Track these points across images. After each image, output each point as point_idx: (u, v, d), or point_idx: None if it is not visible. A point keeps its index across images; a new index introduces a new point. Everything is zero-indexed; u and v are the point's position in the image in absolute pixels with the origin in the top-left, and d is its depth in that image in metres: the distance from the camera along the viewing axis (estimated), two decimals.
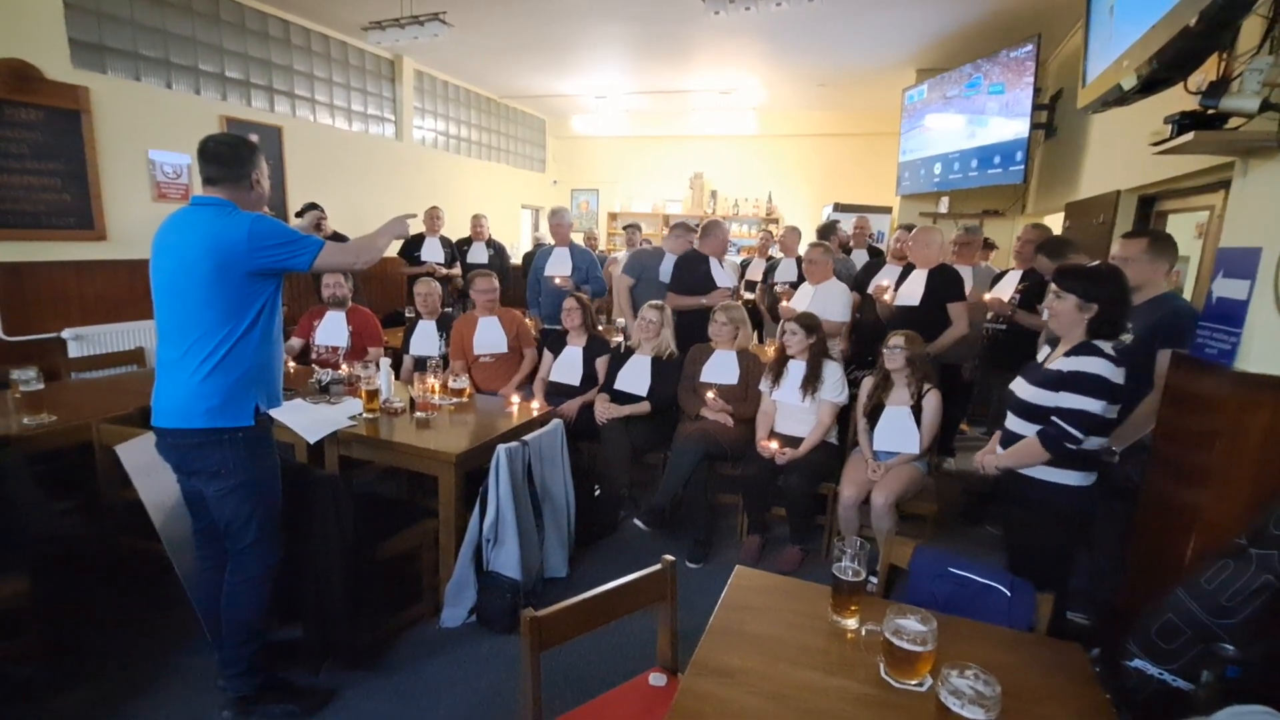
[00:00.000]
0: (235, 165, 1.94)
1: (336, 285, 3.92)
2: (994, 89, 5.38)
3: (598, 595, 1.54)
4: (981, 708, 1.10)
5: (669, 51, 6.47)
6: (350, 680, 2.33)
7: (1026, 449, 2.13)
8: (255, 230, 1.86)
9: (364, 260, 2.09)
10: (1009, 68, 5.17)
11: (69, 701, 2.19)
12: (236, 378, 1.92)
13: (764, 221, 9.47)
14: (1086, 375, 2.01)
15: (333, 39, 6.32)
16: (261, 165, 2.02)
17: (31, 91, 3.94)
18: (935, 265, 3.76)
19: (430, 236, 5.81)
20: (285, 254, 1.90)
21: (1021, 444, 2.15)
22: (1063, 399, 2.05)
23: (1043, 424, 2.09)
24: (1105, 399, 2.00)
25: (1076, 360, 2.05)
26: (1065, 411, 2.03)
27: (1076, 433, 2.02)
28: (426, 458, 2.63)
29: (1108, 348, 2.05)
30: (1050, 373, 2.11)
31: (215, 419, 1.91)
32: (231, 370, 1.91)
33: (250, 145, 2.02)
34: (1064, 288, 2.10)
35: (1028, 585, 1.69)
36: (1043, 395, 2.11)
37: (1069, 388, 2.04)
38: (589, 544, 3.33)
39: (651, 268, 4.49)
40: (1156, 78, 1.95)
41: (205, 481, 1.99)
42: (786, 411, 3.35)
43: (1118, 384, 2.01)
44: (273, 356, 2.06)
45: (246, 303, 1.91)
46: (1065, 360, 2.08)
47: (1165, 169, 3.11)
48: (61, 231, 4.16)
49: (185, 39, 5.04)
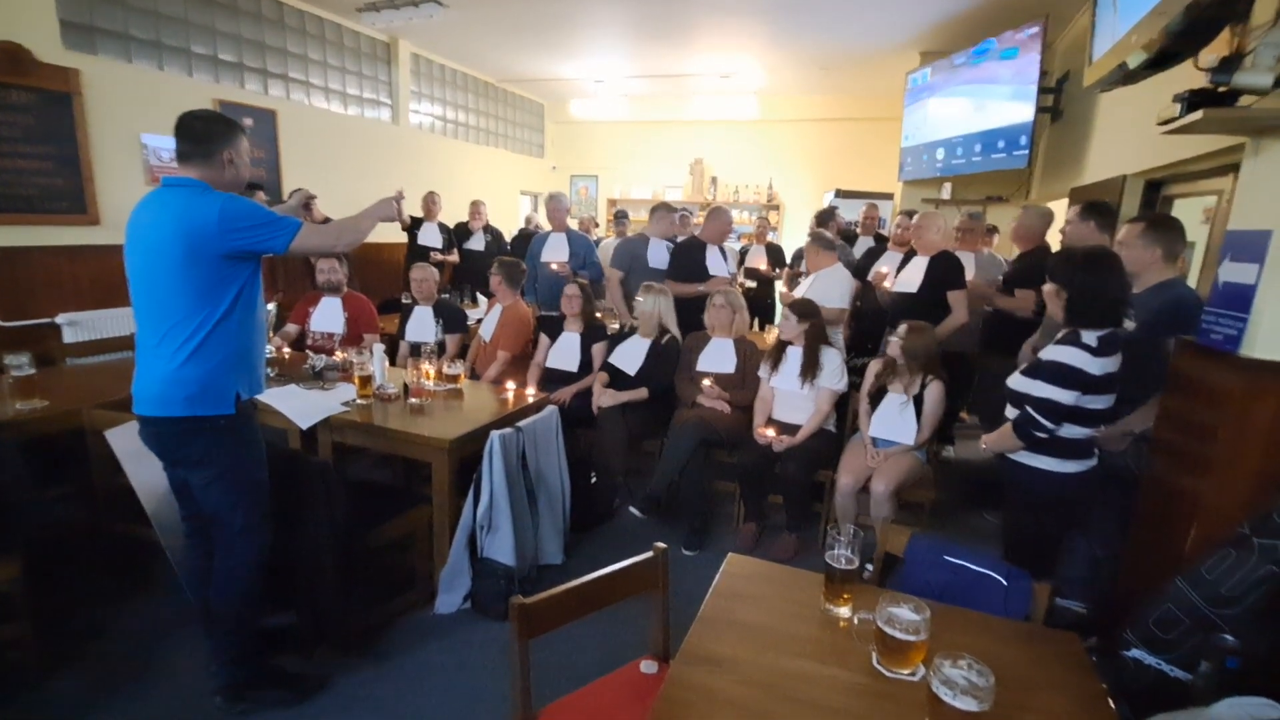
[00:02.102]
0: (206, 141, 1.88)
1: (331, 271, 3.88)
2: (998, 72, 5.29)
3: (588, 582, 1.52)
4: (974, 698, 1.08)
5: (669, 33, 6.38)
6: (344, 666, 2.32)
7: (1002, 434, 2.16)
8: (227, 211, 1.80)
9: (345, 242, 2.04)
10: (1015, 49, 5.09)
11: (62, 686, 2.19)
12: (215, 364, 1.88)
13: (764, 208, 9.39)
14: (1059, 365, 1.99)
15: (327, 20, 6.23)
16: (239, 145, 1.95)
17: (22, 74, 3.89)
18: (936, 252, 3.71)
19: (428, 222, 5.80)
20: (260, 236, 1.84)
21: (999, 430, 2.18)
22: (1035, 387, 2.04)
23: (1020, 410, 2.10)
24: (1077, 390, 1.97)
25: (1056, 350, 2.03)
26: (1035, 400, 2.03)
27: (1045, 421, 2.01)
28: (420, 444, 2.60)
29: (1091, 337, 1.99)
30: (1035, 360, 2.11)
31: (195, 407, 1.87)
32: (209, 357, 1.87)
33: (228, 123, 1.96)
34: (1050, 274, 2.09)
35: (1024, 574, 1.66)
36: (1024, 382, 2.10)
37: (1043, 376, 2.02)
38: (585, 531, 3.31)
39: (640, 256, 4.43)
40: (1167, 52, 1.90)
41: (189, 470, 1.96)
42: (784, 399, 3.32)
43: (1093, 375, 1.95)
44: (254, 342, 2.01)
45: (222, 286, 1.86)
46: (1049, 349, 2.07)
47: (1173, 151, 3.05)
48: (54, 216, 4.12)
49: (177, 20, 4.97)
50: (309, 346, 3.84)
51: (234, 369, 1.93)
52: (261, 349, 2.08)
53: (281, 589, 2.33)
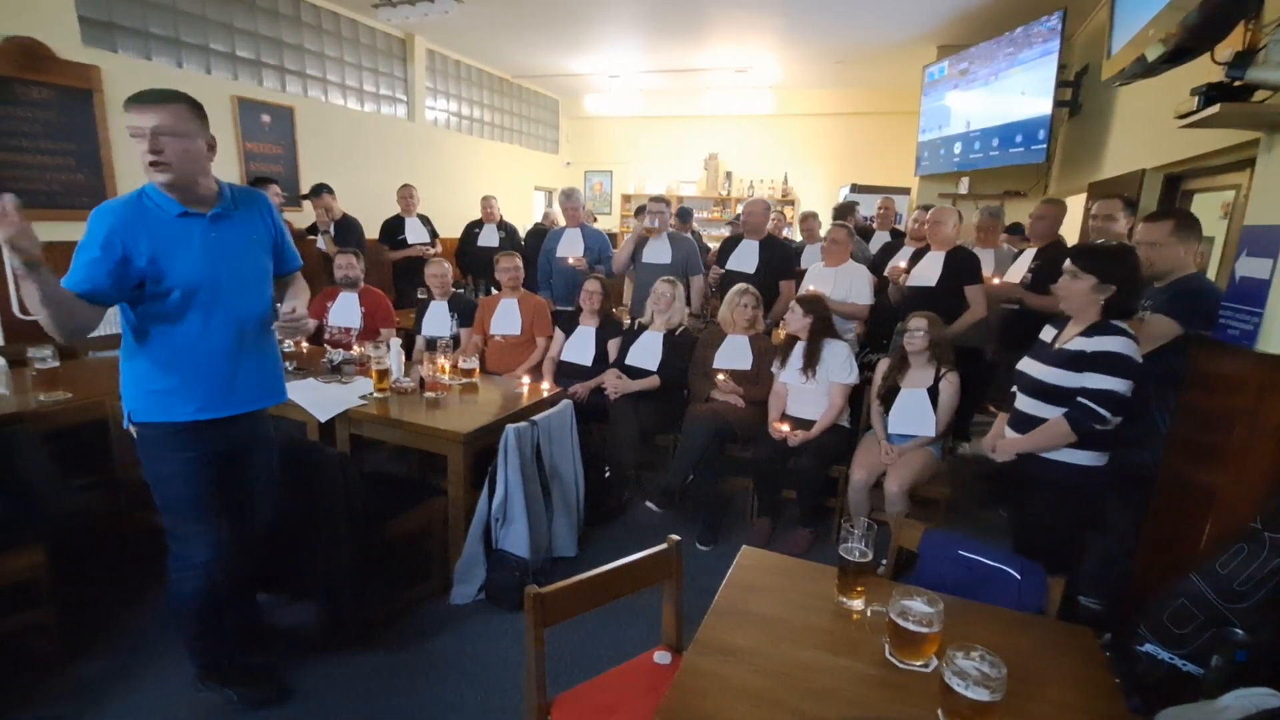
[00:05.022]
0: None
1: (349, 267, 3.93)
2: (1016, 66, 5.24)
3: (602, 573, 1.54)
4: (986, 689, 1.09)
5: (684, 27, 6.37)
6: (360, 654, 2.36)
7: (1051, 431, 2.09)
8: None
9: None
10: (1033, 43, 5.04)
11: (84, 671, 2.25)
12: (131, 372, 1.92)
13: (779, 203, 9.35)
14: (1113, 355, 1.98)
15: (343, 17, 6.27)
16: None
17: (43, 70, 3.95)
18: (952, 246, 3.70)
19: (408, 217, 5.54)
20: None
21: (1045, 426, 2.11)
22: (1088, 379, 2.01)
23: (1065, 405, 2.05)
24: (1131, 379, 1.97)
25: (1101, 340, 2.00)
26: (1093, 392, 2.00)
27: (1105, 413, 1.98)
28: (436, 437, 2.63)
29: (1124, 326, 2.01)
30: (1070, 353, 2.06)
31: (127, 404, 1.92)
32: (127, 361, 1.92)
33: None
34: (1083, 268, 2.05)
35: (1038, 569, 1.66)
36: (1064, 376, 2.06)
37: (1094, 368, 2.00)
38: (598, 524, 3.33)
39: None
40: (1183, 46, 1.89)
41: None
42: (798, 394, 3.32)
43: (1139, 363, 1.97)
44: (166, 362, 1.89)
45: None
46: (1085, 340, 2.04)
47: (1191, 146, 3.02)
48: (75, 211, 4.16)
49: (195, 17, 5.02)
50: (326, 340, 3.89)
51: (149, 381, 1.95)
52: (190, 372, 1.91)
53: (301, 578, 2.37)
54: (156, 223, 1.79)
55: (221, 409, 1.92)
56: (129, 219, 1.76)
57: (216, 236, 1.86)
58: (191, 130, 1.76)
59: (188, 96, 1.79)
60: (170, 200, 1.80)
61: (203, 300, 1.84)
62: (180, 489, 1.92)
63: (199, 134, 1.79)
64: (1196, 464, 1.97)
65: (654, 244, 4.33)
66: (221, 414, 1.92)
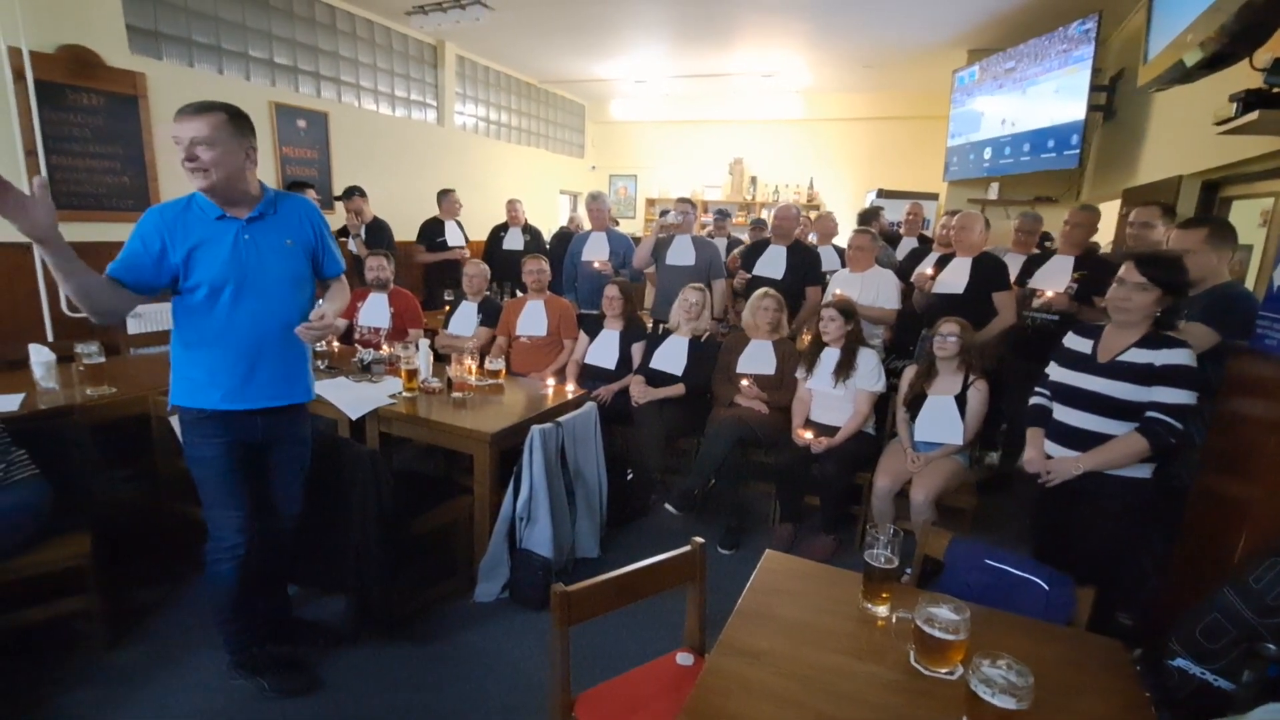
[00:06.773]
0: None
1: (379, 269, 4.01)
2: (1049, 71, 5.17)
3: (627, 574, 1.56)
4: (1013, 697, 1.08)
5: (711, 32, 6.38)
6: (387, 647, 2.41)
7: (1126, 447, 2.03)
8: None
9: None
10: (1067, 47, 4.97)
11: (125, 656, 2.33)
12: (175, 358, 2.00)
13: (805, 208, 9.31)
14: (1184, 368, 1.96)
15: (376, 24, 6.40)
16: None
17: (92, 77, 4.09)
18: (978, 253, 3.66)
19: (448, 221, 5.68)
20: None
21: (1117, 443, 2.05)
22: (1158, 393, 1.98)
23: (1132, 420, 2.02)
24: (1199, 390, 1.96)
25: (1169, 353, 1.98)
26: (1168, 406, 1.97)
27: (1180, 426, 1.96)
28: (463, 436, 2.68)
29: (1183, 338, 2.01)
30: (1136, 366, 2.02)
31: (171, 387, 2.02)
32: (173, 348, 2.00)
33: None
34: (1151, 278, 1.99)
35: (1066, 580, 1.64)
36: (1131, 390, 2.02)
37: (1166, 381, 1.97)
38: (620, 526, 3.36)
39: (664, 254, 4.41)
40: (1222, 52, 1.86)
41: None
42: (822, 400, 3.31)
43: (1206, 375, 1.98)
44: (196, 351, 1.98)
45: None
46: (1150, 353, 2.00)
47: (1230, 152, 2.96)
48: (121, 213, 4.31)
49: (236, 25, 5.17)
50: (356, 340, 3.97)
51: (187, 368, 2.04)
52: (215, 362, 2.00)
53: (331, 572, 2.43)
54: (197, 224, 1.91)
55: (240, 401, 2.00)
56: (172, 218, 1.89)
57: (250, 239, 1.95)
58: (225, 138, 1.83)
59: (230, 107, 1.87)
60: (210, 204, 1.92)
61: (228, 297, 1.93)
62: (209, 473, 2.03)
63: (234, 141, 1.86)
64: (1231, 476, 1.93)
65: (678, 247, 4.34)
66: (240, 406, 2.00)
